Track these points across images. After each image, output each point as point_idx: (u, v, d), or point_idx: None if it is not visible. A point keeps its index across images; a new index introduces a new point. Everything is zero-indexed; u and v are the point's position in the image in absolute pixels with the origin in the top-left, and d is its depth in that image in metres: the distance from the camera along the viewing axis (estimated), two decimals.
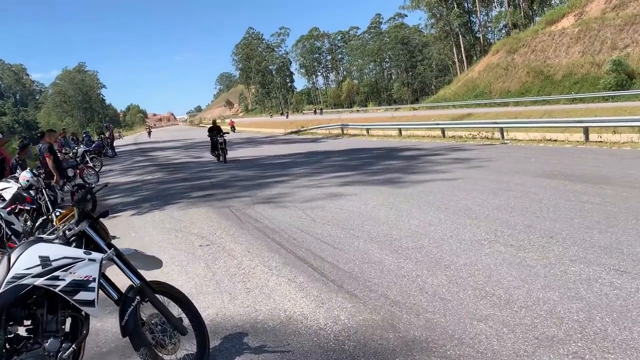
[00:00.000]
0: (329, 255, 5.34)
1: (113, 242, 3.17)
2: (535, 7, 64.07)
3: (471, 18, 71.35)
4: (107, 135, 29.68)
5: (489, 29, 73.61)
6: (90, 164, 17.90)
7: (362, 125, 27.39)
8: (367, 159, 14.69)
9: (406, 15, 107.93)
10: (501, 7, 66.48)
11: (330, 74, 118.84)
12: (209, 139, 18.83)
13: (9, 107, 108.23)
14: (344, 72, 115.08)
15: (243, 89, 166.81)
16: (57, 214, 6.98)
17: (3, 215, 4.80)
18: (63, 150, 17.85)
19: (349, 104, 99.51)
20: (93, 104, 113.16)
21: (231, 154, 20.66)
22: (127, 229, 7.96)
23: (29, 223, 7.10)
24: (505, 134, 17.37)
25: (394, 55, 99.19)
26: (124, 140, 54.97)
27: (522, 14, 61.06)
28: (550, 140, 15.50)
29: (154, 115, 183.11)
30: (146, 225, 8.07)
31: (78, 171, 14.30)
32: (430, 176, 10.22)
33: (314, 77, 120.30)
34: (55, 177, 8.83)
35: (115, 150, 29.42)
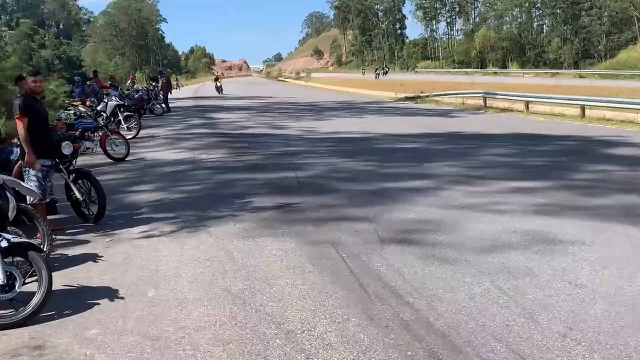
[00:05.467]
0: None
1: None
2: None
3: None
4: (160, 86, 28.18)
5: None
6: (124, 125, 16.10)
7: (518, 96, 23.86)
8: (554, 156, 11.64)
9: None
10: None
11: (457, 20, 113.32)
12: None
13: (50, 38, 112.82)
14: (476, 19, 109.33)
15: (337, 34, 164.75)
16: (4, 244, 4.57)
17: None
18: (88, 102, 16.03)
19: (480, 63, 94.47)
20: (149, 41, 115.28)
21: (322, 126, 18.31)
22: (144, 277, 5.49)
23: None
24: None
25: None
26: (182, 92, 54.53)
27: None
28: None
29: (223, 62, 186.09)
30: (178, 272, 5.53)
31: (100, 138, 12.47)
32: None
33: (433, 23, 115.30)
34: (27, 157, 6.46)
35: (170, 105, 27.96)
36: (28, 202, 6.21)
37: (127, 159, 12.75)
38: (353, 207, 7.78)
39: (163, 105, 26.57)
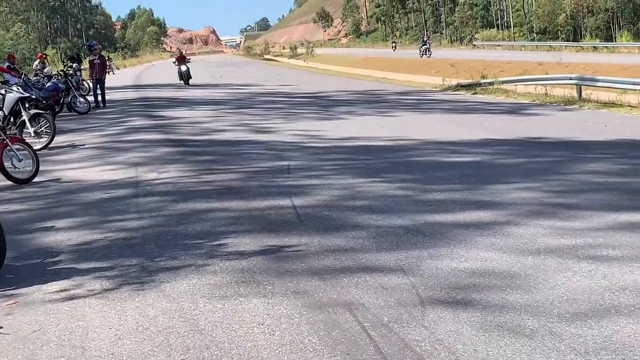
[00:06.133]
0: None
1: None
2: None
3: None
4: (92, 68, 28.70)
5: None
6: (30, 130, 16.27)
7: (630, 83, 24.17)
8: None
9: None
10: None
11: None
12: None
13: None
14: None
15: None
16: None
17: None
18: None
19: (572, 33, 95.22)
20: (67, 1, 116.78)
21: (330, 128, 18.86)
22: (64, 358, 5.56)
23: None
24: None
25: None
26: (119, 77, 55.10)
27: None
28: None
29: (180, 31, 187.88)
30: (117, 352, 5.69)
31: None
32: None
33: None
34: None
35: (105, 97, 29.29)
36: None
37: (35, 179, 12.87)
38: (379, 251, 7.92)
39: (91, 98, 26.86)
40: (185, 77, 41.91)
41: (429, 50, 68.77)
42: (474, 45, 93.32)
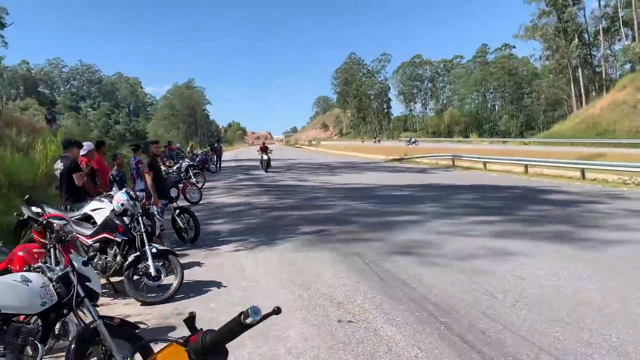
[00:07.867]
0: None
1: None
2: None
3: (591, 52, 65.50)
4: (216, 150, 30.14)
5: (610, 63, 67.28)
6: (194, 180, 16.90)
7: (478, 158, 24.71)
8: (505, 200, 12.30)
9: (514, 47, 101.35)
10: (627, 41, 60.21)
11: (430, 101, 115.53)
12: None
13: (122, 116, 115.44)
14: (444, 101, 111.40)
15: (339, 112, 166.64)
16: (154, 250, 5.43)
17: (76, 265, 3.15)
18: (167, 163, 17.04)
19: (448, 133, 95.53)
20: (198, 119, 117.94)
21: (335, 179, 19.38)
22: (235, 274, 6.32)
23: (118, 259, 5.59)
24: None
25: (499, 85, 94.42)
26: (226, 155, 55.57)
27: None
28: None
29: (252, 133, 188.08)
30: (257, 271, 6.39)
31: (181, 188, 13.21)
32: (617, 235, 7.73)
33: (412, 104, 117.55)
34: (153, 198, 7.43)
35: (221, 165, 30.22)
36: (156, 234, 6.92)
37: (200, 202, 13.42)
38: (366, 232, 8.54)
39: (215, 165, 27.97)
40: (265, 165, 28.15)
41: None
42: (400, 139, 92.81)
